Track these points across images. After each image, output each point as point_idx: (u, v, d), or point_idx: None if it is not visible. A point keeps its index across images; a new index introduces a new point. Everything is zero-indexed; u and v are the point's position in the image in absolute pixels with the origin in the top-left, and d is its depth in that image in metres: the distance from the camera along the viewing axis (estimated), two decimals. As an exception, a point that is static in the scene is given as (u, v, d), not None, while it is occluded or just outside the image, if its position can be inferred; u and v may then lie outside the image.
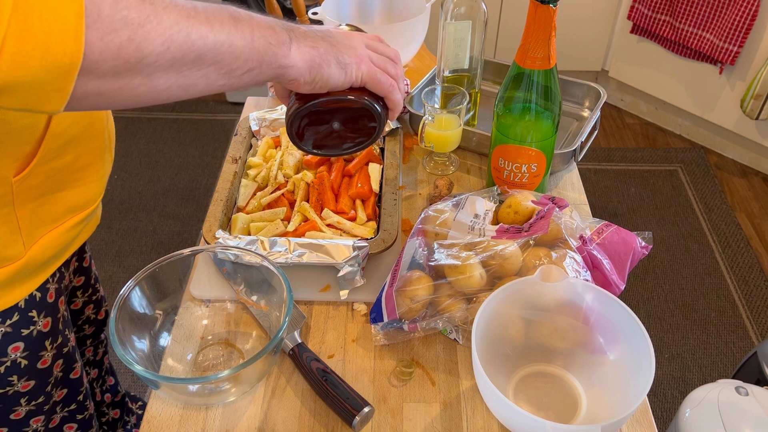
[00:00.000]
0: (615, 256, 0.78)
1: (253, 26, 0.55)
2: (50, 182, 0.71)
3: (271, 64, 0.57)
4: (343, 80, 0.62)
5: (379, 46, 0.68)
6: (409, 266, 0.78)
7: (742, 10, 2.16)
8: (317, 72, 0.60)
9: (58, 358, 0.83)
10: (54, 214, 0.74)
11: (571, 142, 1.10)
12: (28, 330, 0.76)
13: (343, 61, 0.61)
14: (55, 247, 0.75)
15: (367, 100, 0.65)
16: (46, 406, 0.84)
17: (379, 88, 0.65)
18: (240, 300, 0.83)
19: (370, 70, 0.64)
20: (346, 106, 0.65)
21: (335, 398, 0.70)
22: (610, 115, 2.82)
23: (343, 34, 0.65)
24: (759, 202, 2.37)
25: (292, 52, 0.58)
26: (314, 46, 0.60)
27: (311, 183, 0.95)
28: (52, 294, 0.79)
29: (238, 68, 0.55)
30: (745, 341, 1.86)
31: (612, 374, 0.70)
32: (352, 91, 0.64)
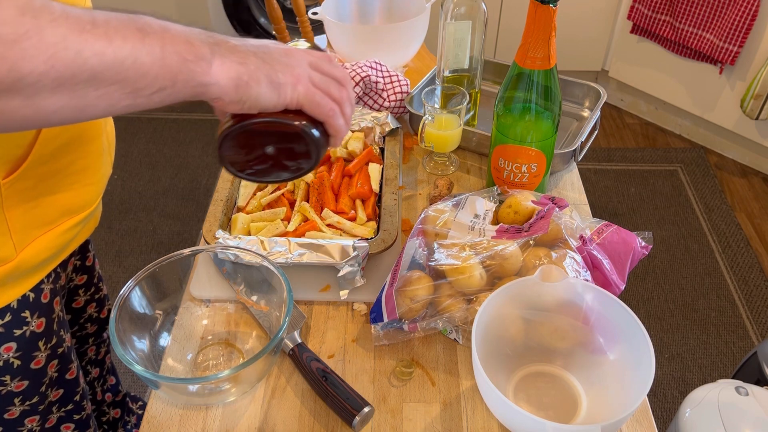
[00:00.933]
0: (615, 256, 0.78)
1: (165, 40, 0.50)
2: (44, 185, 0.70)
3: (188, 82, 0.52)
4: (275, 101, 0.56)
5: (324, 66, 0.62)
6: (409, 266, 0.78)
7: (742, 10, 2.16)
8: (244, 91, 0.54)
9: (53, 358, 0.82)
10: (48, 217, 0.73)
11: (571, 142, 1.10)
12: (21, 330, 0.75)
13: (276, 80, 0.56)
14: (49, 249, 0.74)
15: (301, 125, 0.58)
16: (41, 406, 0.83)
17: (318, 111, 0.59)
18: (240, 300, 0.83)
19: (307, 92, 0.58)
20: (280, 130, 0.58)
21: (335, 398, 0.70)
22: (610, 115, 2.82)
23: (282, 50, 0.59)
24: (759, 202, 2.37)
25: (214, 69, 0.53)
26: (242, 62, 0.54)
27: (311, 183, 0.95)
28: (46, 294, 0.78)
29: (146, 87, 0.50)
30: (745, 341, 1.86)
31: (612, 374, 0.70)
32: (288, 113, 0.58)
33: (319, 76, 0.60)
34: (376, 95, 1.14)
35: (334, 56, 0.74)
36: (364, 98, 1.15)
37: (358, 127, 1.06)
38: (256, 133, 0.58)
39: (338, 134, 0.62)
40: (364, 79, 1.11)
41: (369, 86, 1.13)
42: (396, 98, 1.14)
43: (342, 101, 0.61)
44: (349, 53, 1.29)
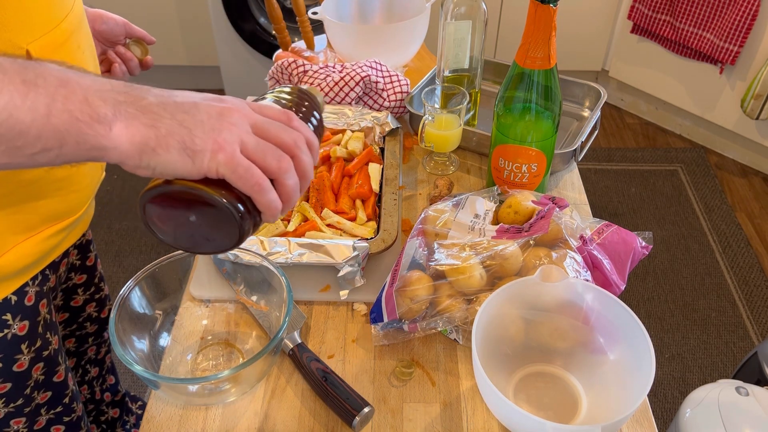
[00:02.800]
0: (615, 256, 0.78)
1: (55, 96, 0.45)
2: (23, 192, 0.68)
3: (80, 145, 0.47)
4: (189, 169, 0.49)
5: (270, 130, 0.53)
6: (409, 266, 0.78)
7: (743, 10, 2.16)
8: (151, 157, 0.48)
9: (38, 361, 0.81)
10: (29, 223, 0.71)
11: (572, 142, 1.10)
12: (2, 333, 0.74)
13: (192, 147, 0.49)
14: (31, 255, 0.73)
15: (220, 198, 0.51)
16: (27, 408, 0.82)
17: (241, 185, 0.50)
18: (240, 300, 0.83)
19: (229, 162, 0.50)
20: (198, 201, 0.51)
21: (335, 398, 0.70)
22: (610, 115, 2.82)
23: (215, 110, 0.51)
24: (759, 202, 2.36)
25: (115, 132, 0.47)
26: (153, 124, 0.48)
27: (311, 183, 0.95)
28: (31, 297, 0.77)
29: (26, 147, 0.45)
30: (746, 341, 1.86)
31: (612, 374, 0.70)
32: (210, 183, 0.51)
33: (255, 142, 0.52)
34: (376, 95, 1.14)
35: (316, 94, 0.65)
36: (364, 98, 1.15)
37: (358, 127, 1.06)
38: (174, 201, 0.52)
39: (269, 211, 0.53)
40: (364, 79, 1.11)
41: (369, 86, 1.13)
42: (396, 98, 1.14)
43: (279, 172, 0.52)
44: (349, 53, 1.29)
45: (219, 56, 2.66)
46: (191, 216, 0.53)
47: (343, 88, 1.11)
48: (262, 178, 0.51)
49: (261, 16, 2.59)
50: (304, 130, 0.56)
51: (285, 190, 0.53)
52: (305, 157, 0.55)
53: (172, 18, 2.72)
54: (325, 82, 1.13)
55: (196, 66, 2.88)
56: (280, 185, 0.53)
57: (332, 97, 1.13)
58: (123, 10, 2.58)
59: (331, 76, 1.13)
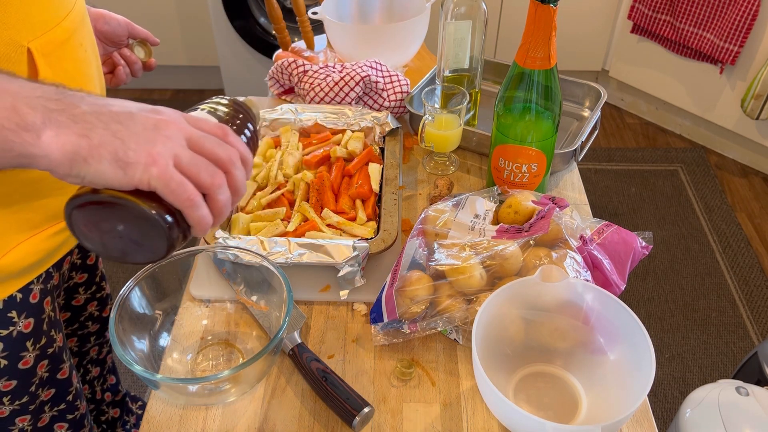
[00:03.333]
0: (615, 256, 0.78)
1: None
2: (26, 190, 0.69)
3: (7, 152, 0.46)
4: (120, 181, 0.49)
5: (205, 145, 0.53)
6: (409, 266, 0.78)
7: (743, 10, 2.16)
8: (81, 167, 0.48)
9: (42, 358, 0.81)
10: (33, 222, 0.71)
11: (572, 142, 1.10)
12: (7, 331, 0.75)
13: (125, 159, 0.48)
14: (36, 253, 0.73)
15: (149, 210, 0.51)
16: (32, 405, 0.83)
17: (173, 199, 0.50)
18: (240, 300, 0.83)
19: (162, 175, 0.49)
20: (129, 211, 0.51)
21: (335, 398, 0.70)
22: (610, 115, 2.82)
23: (151, 121, 0.51)
24: (759, 202, 2.36)
25: (44, 140, 0.47)
26: (85, 134, 0.48)
27: (311, 183, 0.95)
28: (36, 295, 0.78)
29: None
30: (746, 341, 1.86)
31: (612, 374, 0.70)
32: (140, 195, 0.51)
33: (189, 157, 0.51)
34: (376, 95, 1.14)
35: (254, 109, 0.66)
36: (364, 98, 1.15)
37: (358, 127, 1.06)
38: (102, 210, 0.52)
39: (199, 226, 0.53)
40: (364, 79, 1.11)
41: (369, 86, 1.13)
42: (396, 98, 1.14)
43: (212, 188, 0.52)
44: (349, 53, 1.29)
45: (219, 56, 2.66)
46: (119, 225, 0.53)
47: (343, 88, 1.11)
48: (194, 194, 0.51)
49: (261, 16, 2.59)
50: (238, 145, 0.56)
51: (217, 206, 0.53)
52: (238, 173, 0.55)
53: (172, 18, 2.72)
54: (325, 82, 1.13)
55: (196, 66, 2.88)
56: (212, 200, 0.53)
57: (332, 97, 1.13)
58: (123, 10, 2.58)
59: (331, 76, 1.13)
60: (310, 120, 1.07)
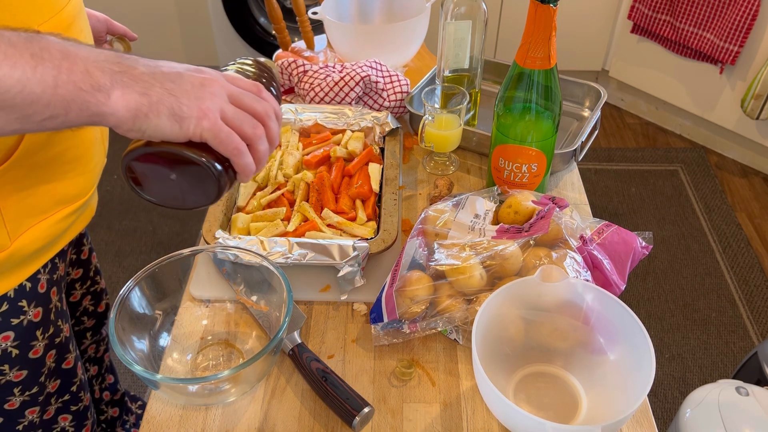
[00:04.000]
0: (615, 256, 0.78)
1: (61, 68, 0.49)
2: (36, 174, 0.71)
3: (83, 111, 0.51)
4: (177, 133, 0.55)
5: (245, 100, 0.59)
6: (409, 266, 0.78)
7: (743, 10, 2.16)
8: (143, 122, 0.54)
9: (51, 348, 0.83)
10: (42, 206, 0.73)
11: (572, 142, 1.10)
12: (18, 319, 0.76)
13: (180, 114, 0.54)
14: (44, 238, 0.75)
15: (201, 158, 0.57)
16: (41, 397, 0.84)
17: (223, 148, 0.57)
18: (240, 300, 0.83)
19: (213, 128, 0.56)
20: (183, 160, 0.57)
21: (335, 398, 0.70)
22: (610, 115, 2.82)
23: (197, 80, 0.57)
24: (759, 202, 2.36)
25: (113, 99, 0.52)
26: (145, 92, 0.53)
27: (311, 183, 0.95)
28: (43, 284, 0.79)
29: (36, 114, 0.50)
30: (746, 341, 1.86)
31: (612, 374, 0.70)
32: (191, 145, 0.57)
33: (233, 111, 0.58)
34: (376, 95, 1.14)
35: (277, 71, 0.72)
36: (364, 98, 1.15)
37: (358, 127, 1.06)
38: (158, 160, 0.58)
39: (245, 172, 0.60)
40: (364, 79, 1.11)
41: (369, 86, 1.13)
42: (396, 98, 1.14)
43: (254, 138, 0.59)
44: (349, 53, 1.29)
45: (219, 56, 2.66)
46: (172, 174, 0.59)
47: (343, 88, 1.11)
48: (240, 143, 0.58)
49: (261, 16, 2.59)
50: (271, 100, 0.62)
51: (258, 155, 0.60)
52: (274, 126, 0.61)
53: (172, 18, 2.72)
54: (325, 82, 1.13)
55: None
56: (254, 150, 0.60)
57: (332, 97, 1.13)
58: (123, 10, 2.58)
59: (331, 76, 1.13)
60: (310, 120, 1.07)
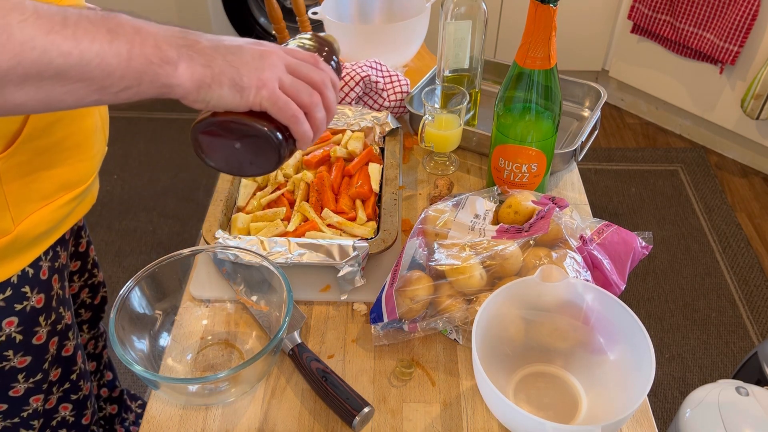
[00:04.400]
0: (615, 256, 0.78)
1: (134, 43, 0.53)
2: (39, 160, 0.72)
3: (153, 83, 0.55)
4: (237, 103, 0.59)
5: (301, 69, 0.62)
6: (409, 266, 0.78)
7: (743, 10, 2.16)
8: (206, 92, 0.57)
9: (53, 335, 0.84)
10: (45, 191, 0.75)
11: (572, 142, 1.10)
12: (22, 305, 0.77)
13: (240, 84, 0.58)
14: (46, 223, 0.76)
15: (263, 127, 0.60)
16: (44, 384, 0.85)
17: (281, 116, 0.60)
18: (240, 300, 0.83)
19: (271, 96, 0.59)
20: (243, 129, 0.61)
21: (335, 398, 0.70)
22: (610, 115, 2.82)
23: (256, 52, 0.60)
24: (759, 202, 2.36)
25: (180, 71, 0.55)
26: (208, 64, 0.57)
27: (311, 183, 0.95)
28: (45, 271, 0.80)
29: (112, 86, 0.53)
30: (746, 341, 1.86)
31: (612, 374, 0.70)
32: (253, 115, 0.60)
33: (290, 80, 0.61)
34: (376, 95, 1.14)
35: (331, 48, 0.74)
36: (364, 98, 1.15)
37: (358, 127, 1.06)
38: (223, 130, 0.61)
39: (303, 139, 0.63)
40: (364, 79, 1.11)
41: (369, 86, 1.13)
42: (396, 98, 1.14)
43: (311, 106, 0.62)
44: (349, 53, 1.29)
45: (219, 56, 2.66)
46: (237, 144, 0.62)
47: (343, 88, 1.11)
48: (298, 111, 0.61)
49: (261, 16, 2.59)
50: (328, 70, 0.65)
51: (315, 122, 0.63)
52: (330, 94, 0.64)
53: (172, 18, 2.72)
54: (325, 82, 1.13)
55: (196, 66, 2.88)
56: (312, 117, 0.62)
57: (332, 97, 1.13)
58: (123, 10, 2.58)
59: (331, 76, 1.13)
60: (310, 120, 1.07)
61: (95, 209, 0.91)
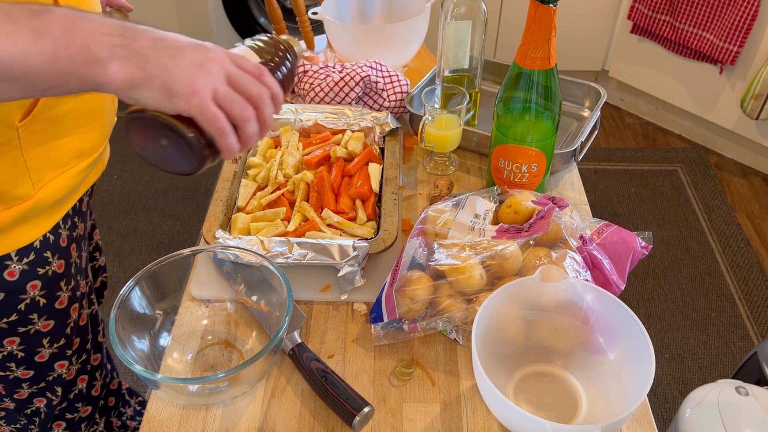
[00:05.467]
0: (615, 256, 0.78)
1: (59, 43, 0.53)
2: (54, 128, 0.75)
3: (82, 82, 0.55)
4: (166, 107, 0.58)
5: (241, 81, 0.61)
6: (409, 266, 0.78)
7: (742, 10, 2.16)
8: (136, 93, 0.57)
9: (73, 301, 0.87)
10: (61, 159, 0.78)
11: (571, 142, 1.10)
12: (44, 270, 0.80)
13: (172, 89, 0.57)
14: (64, 189, 0.79)
15: (187, 133, 0.60)
16: (68, 350, 0.88)
17: (208, 127, 0.59)
18: (240, 300, 0.83)
19: (201, 106, 0.58)
20: (169, 131, 0.60)
21: (335, 398, 0.70)
22: (610, 115, 2.82)
23: (198, 59, 0.59)
24: (759, 202, 2.36)
25: (110, 71, 0.55)
26: (142, 66, 0.56)
27: (311, 183, 0.95)
28: (64, 239, 0.83)
29: (38, 85, 0.54)
30: (745, 341, 1.86)
31: (612, 374, 0.70)
32: (181, 118, 0.60)
33: (225, 92, 0.60)
34: (376, 95, 1.14)
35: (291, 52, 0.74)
36: (364, 98, 1.15)
37: (358, 127, 1.06)
38: (150, 125, 0.61)
39: (228, 151, 0.62)
40: (364, 79, 1.11)
41: (369, 86, 1.13)
42: (396, 98, 1.14)
43: (242, 121, 0.61)
44: (349, 53, 1.29)
45: (219, 56, 2.66)
46: (163, 140, 0.62)
47: (343, 88, 1.11)
48: (226, 125, 0.60)
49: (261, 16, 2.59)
50: (271, 84, 0.64)
51: (244, 137, 0.62)
52: (267, 109, 0.63)
53: (172, 18, 2.72)
54: (325, 82, 1.13)
55: (196, 66, 2.88)
56: (241, 131, 0.62)
57: (332, 97, 1.13)
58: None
59: (331, 76, 1.13)
60: (310, 120, 1.08)
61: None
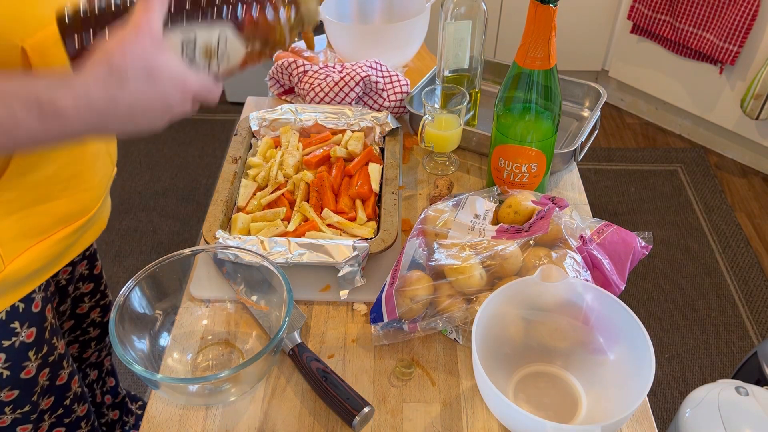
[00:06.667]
0: (615, 256, 0.78)
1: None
2: (31, 195, 0.69)
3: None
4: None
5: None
6: (409, 266, 0.78)
7: (742, 10, 2.16)
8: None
9: (44, 367, 0.81)
10: (41, 227, 0.71)
11: (571, 142, 1.10)
12: (10, 341, 0.74)
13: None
14: (42, 259, 0.73)
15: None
16: (33, 415, 0.82)
17: None
18: (240, 300, 0.83)
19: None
20: None
21: (335, 398, 0.70)
22: (610, 115, 2.82)
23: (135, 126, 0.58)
24: (759, 202, 2.36)
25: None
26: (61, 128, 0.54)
27: (311, 183, 0.95)
28: (38, 303, 0.77)
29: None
30: (745, 341, 1.86)
31: (612, 374, 0.70)
32: None
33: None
34: (376, 95, 1.14)
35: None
36: (364, 98, 1.15)
37: (358, 127, 1.06)
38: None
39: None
40: (364, 79, 1.11)
41: (369, 86, 1.13)
42: (396, 98, 1.14)
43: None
44: (349, 53, 1.29)
45: (219, 56, 2.66)
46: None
47: (343, 88, 1.11)
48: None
49: (261, 16, 2.59)
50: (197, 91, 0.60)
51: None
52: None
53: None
54: (325, 82, 1.13)
55: (196, 66, 2.88)
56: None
57: (332, 97, 1.13)
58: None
59: (331, 76, 1.13)
60: (310, 120, 1.08)
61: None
